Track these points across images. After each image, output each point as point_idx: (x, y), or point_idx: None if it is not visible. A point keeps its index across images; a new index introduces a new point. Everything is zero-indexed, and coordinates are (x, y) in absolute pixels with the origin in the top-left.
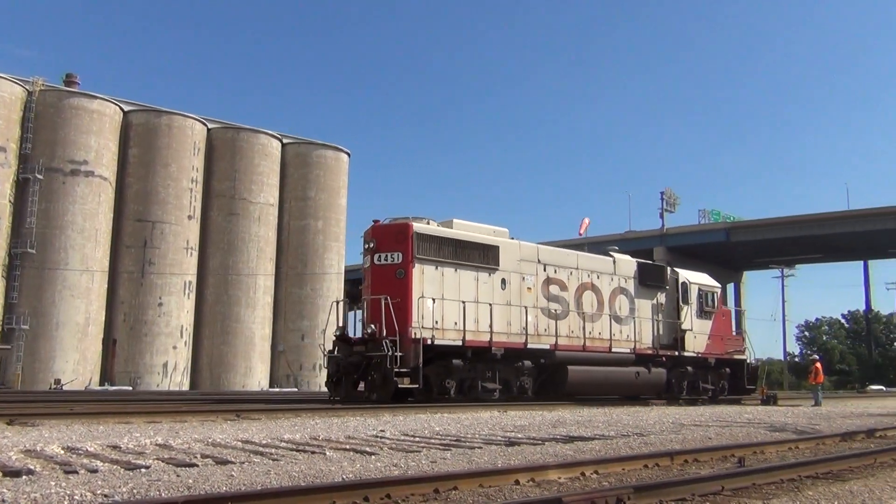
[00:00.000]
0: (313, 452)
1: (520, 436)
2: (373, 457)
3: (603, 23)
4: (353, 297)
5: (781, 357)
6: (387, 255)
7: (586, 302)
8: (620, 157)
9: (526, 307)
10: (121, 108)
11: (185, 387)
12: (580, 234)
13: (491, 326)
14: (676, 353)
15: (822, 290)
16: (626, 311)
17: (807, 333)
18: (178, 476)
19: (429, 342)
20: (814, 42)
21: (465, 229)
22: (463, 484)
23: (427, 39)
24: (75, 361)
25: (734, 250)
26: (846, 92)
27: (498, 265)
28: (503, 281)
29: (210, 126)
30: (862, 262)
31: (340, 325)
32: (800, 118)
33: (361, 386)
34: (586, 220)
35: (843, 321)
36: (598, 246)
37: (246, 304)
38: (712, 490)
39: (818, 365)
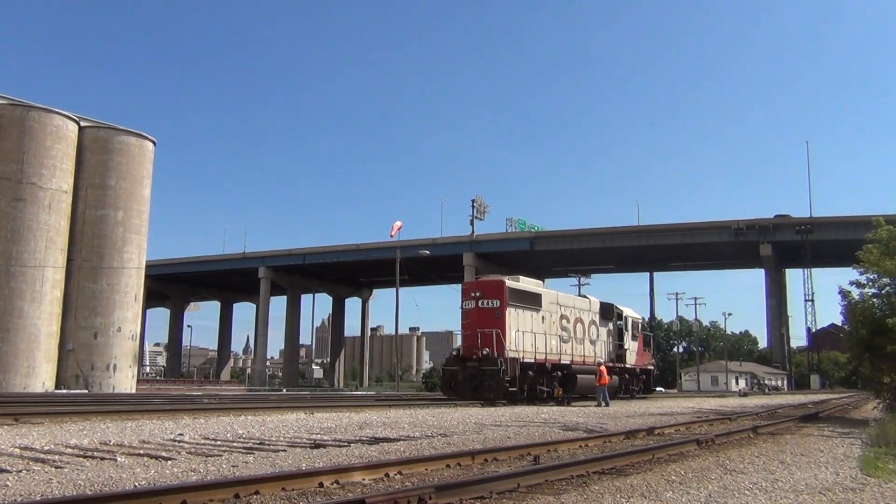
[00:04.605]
0: (103, 459)
1: (326, 438)
2: (169, 462)
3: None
4: (154, 294)
5: None
6: (488, 301)
7: (578, 331)
8: (434, 163)
9: (556, 335)
10: None
11: None
12: (391, 237)
13: (546, 349)
14: (623, 365)
15: (613, 297)
16: (595, 336)
17: None
18: None
19: (521, 360)
20: (611, 62)
21: (524, 283)
22: (265, 488)
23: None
24: None
25: (537, 258)
26: (638, 114)
27: (540, 307)
28: (543, 318)
29: None
30: (648, 273)
31: (457, 347)
32: (599, 137)
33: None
34: (398, 224)
35: None
36: (410, 249)
37: (31, 298)
38: (509, 487)
39: (603, 368)
